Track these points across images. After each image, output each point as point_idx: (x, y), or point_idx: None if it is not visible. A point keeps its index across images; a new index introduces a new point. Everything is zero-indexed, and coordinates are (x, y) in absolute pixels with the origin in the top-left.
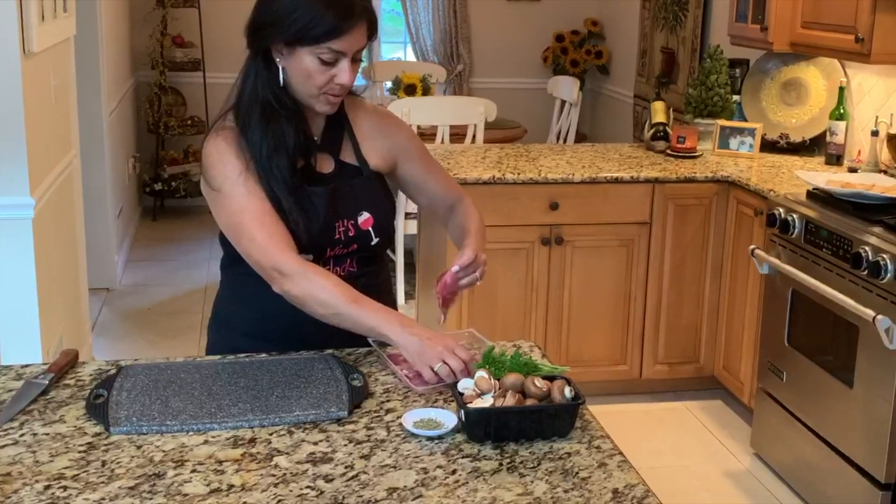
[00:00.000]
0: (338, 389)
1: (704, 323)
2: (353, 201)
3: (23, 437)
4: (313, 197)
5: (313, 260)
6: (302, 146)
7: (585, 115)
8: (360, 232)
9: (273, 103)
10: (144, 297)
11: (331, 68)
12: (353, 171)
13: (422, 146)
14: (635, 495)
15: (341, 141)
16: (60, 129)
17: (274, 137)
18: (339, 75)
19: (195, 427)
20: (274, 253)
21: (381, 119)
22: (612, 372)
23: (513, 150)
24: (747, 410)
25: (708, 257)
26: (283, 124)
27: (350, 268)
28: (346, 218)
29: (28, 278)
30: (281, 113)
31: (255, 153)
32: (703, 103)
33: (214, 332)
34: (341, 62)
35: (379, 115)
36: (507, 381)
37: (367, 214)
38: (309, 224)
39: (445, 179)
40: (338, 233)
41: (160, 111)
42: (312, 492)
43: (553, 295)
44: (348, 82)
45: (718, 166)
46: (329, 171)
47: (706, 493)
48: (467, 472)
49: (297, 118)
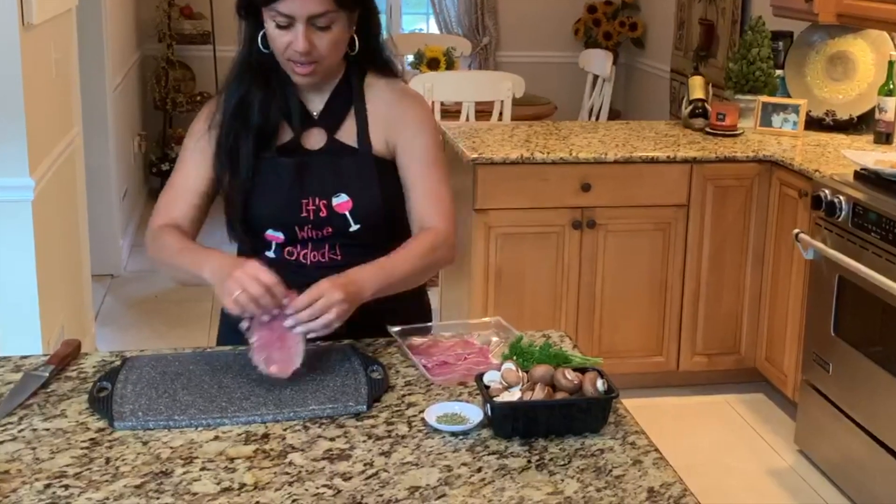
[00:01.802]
0: (356, 382)
1: (745, 311)
2: (331, 180)
3: (22, 432)
4: (279, 168)
5: (284, 240)
6: (274, 116)
7: (619, 90)
8: (333, 214)
9: (249, 68)
10: (151, 284)
11: (286, 33)
12: (345, 151)
13: (428, 150)
14: (672, 495)
15: (343, 118)
16: (62, 105)
17: (241, 102)
18: (294, 41)
19: (205, 422)
20: (150, 222)
21: (398, 104)
22: (647, 364)
23: (542, 127)
24: (791, 404)
25: (749, 242)
26: (253, 90)
27: (332, 255)
28: (318, 196)
29: (27, 264)
30: (253, 78)
31: (222, 116)
32: (744, 78)
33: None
34: (296, 26)
35: (398, 100)
36: (536, 373)
37: (344, 197)
38: (270, 196)
39: (431, 200)
40: (305, 210)
41: (167, 87)
42: (329, 491)
43: (585, 282)
44: (302, 48)
45: (760, 145)
46: (317, 147)
47: (747, 493)
48: (493, 469)
49: (278, 86)
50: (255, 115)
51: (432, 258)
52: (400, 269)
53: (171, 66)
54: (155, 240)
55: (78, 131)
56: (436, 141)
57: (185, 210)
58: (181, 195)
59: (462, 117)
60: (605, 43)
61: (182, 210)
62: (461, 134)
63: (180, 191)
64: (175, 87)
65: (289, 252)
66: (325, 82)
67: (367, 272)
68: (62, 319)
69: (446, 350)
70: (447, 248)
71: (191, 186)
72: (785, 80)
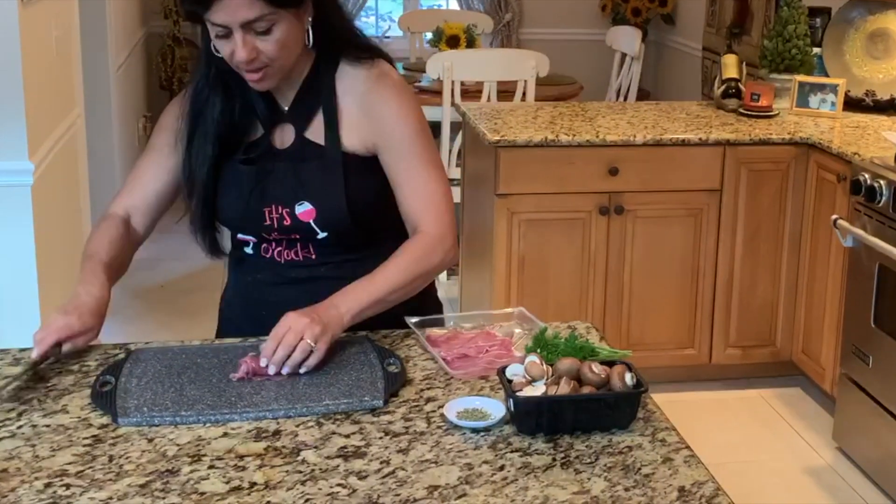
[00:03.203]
0: (372, 376)
1: (781, 302)
2: (293, 187)
3: (21, 429)
4: (240, 175)
5: (256, 241)
6: (239, 118)
7: (648, 69)
8: (298, 223)
9: (208, 73)
10: (156, 272)
11: (228, 42)
12: (313, 151)
13: (410, 142)
14: (704, 494)
15: (313, 115)
16: (62, 85)
17: (199, 114)
18: (235, 50)
19: (213, 418)
20: (112, 201)
21: (373, 92)
22: (678, 356)
23: (567, 108)
24: (829, 399)
25: (785, 228)
26: (212, 98)
27: (306, 253)
28: (280, 204)
29: (26, 251)
30: (213, 85)
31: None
32: (780, 56)
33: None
34: (234, 35)
35: (373, 89)
36: (562, 366)
37: (307, 205)
38: (232, 204)
39: (420, 200)
40: (268, 218)
41: (174, 65)
42: (344, 490)
43: (612, 270)
44: (242, 57)
45: (797, 127)
46: (286, 146)
47: (783, 492)
48: (517, 467)
49: (238, 89)
50: (214, 126)
51: (422, 267)
52: (384, 283)
53: (177, 43)
54: (98, 224)
55: (79, 113)
56: (417, 129)
57: (142, 198)
58: (142, 184)
59: (483, 98)
60: (633, 19)
61: (140, 197)
62: (482, 115)
63: (143, 179)
64: (182, 66)
65: (264, 249)
66: (293, 77)
67: (343, 292)
68: None
69: (467, 342)
70: (442, 252)
71: (151, 179)
72: (822, 59)
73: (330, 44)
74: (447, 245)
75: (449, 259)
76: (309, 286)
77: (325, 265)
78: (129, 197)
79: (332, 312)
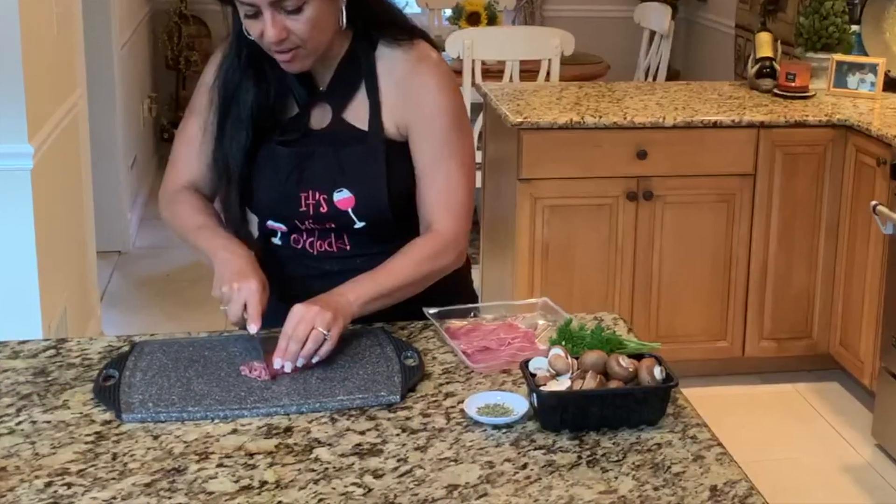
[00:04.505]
0: (389, 370)
1: (818, 292)
2: (332, 172)
3: (20, 425)
4: (277, 158)
5: (288, 230)
6: (274, 99)
7: (678, 48)
8: (335, 211)
9: (239, 55)
10: (162, 261)
11: (257, 22)
12: (351, 135)
13: (446, 134)
14: (737, 493)
15: (351, 96)
16: (64, 64)
17: (232, 97)
18: (264, 30)
19: (222, 414)
20: (166, 178)
21: (412, 77)
22: (709, 349)
23: (593, 89)
24: (868, 394)
25: (822, 215)
26: (244, 83)
27: (340, 244)
28: (317, 191)
29: (26, 239)
30: (244, 67)
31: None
32: (817, 34)
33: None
34: (263, 14)
35: (412, 73)
36: (587, 359)
37: (346, 192)
38: (266, 188)
39: (440, 194)
40: (304, 204)
41: (180, 44)
42: (359, 489)
43: (640, 259)
44: (271, 38)
45: (834, 108)
46: (322, 126)
47: (820, 491)
48: (540, 466)
49: (271, 69)
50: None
51: (432, 266)
52: (393, 278)
53: (184, 21)
54: (170, 204)
55: (81, 93)
56: (454, 122)
57: (202, 169)
58: (198, 151)
59: (505, 78)
60: None
61: (199, 168)
62: (504, 96)
63: (196, 145)
64: (189, 44)
65: (294, 240)
66: (329, 58)
67: (352, 282)
68: (64, 300)
69: (488, 334)
70: (453, 254)
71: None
72: (861, 37)
73: (367, 24)
74: (459, 248)
75: (458, 262)
76: (343, 279)
77: (359, 257)
78: (190, 166)
79: (340, 300)
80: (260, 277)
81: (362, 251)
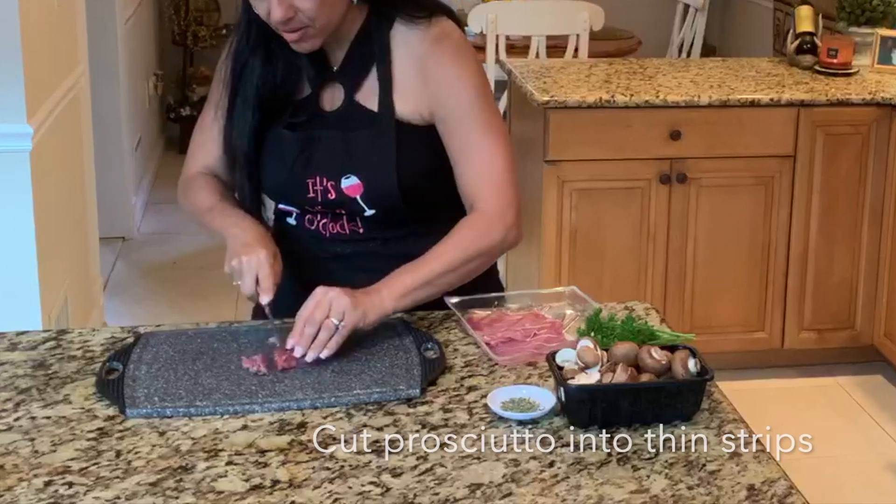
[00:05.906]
0: (408, 362)
1: (861, 280)
2: (340, 158)
3: (18, 421)
4: (283, 142)
5: (298, 214)
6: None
7: (714, 22)
8: (344, 198)
9: (248, 33)
10: (168, 247)
11: (263, 1)
12: (362, 117)
13: (469, 107)
14: (775, 493)
15: (364, 76)
16: (65, 40)
17: (239, 77)
18: (271, 9)
19: (231, 409)
20: (184, 166)
21: (430, 56)
22: (746, 341)
23: (624, 66)
24: None
25: (865, 198)
26: (251, 62)
27: (353, 227)
28: (324, 176)
29: (25, 225)
30: (254, 47)
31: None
32: (860, 8)
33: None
34: None
35: (430, 52)
36: (618, 351)
37: (354, 179)
38: (274, 173)
39: (479, 172)
40: (312, 191)
41: (188, 18)
42: (376, 489)
43: (674, 245)
44: (276, 17)
45: (879, 86)
46: (334, 107)
47: (863, 490)
48: (568, 464)
49: (280, 49)
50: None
51: (477, 247)
52: (433, 266)
53: None
54: (187, 189)
55: (83, 70)
56: (477, 94)
57: (217, 153)
58: (215, 137)
59: (531, 54)
60: None
61: (215, 153)
62: (530, 73)
63: (214, 132)
64: (197, 18)
65: (308, 221)
66: (342, 35)
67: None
68: (65, 289)
69: (513, 325)
70: (502, 229)
71: (209, 120)
72: None
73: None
74: (508, 221)
75: (511, 238)
76: (356, 262)
77: (373, 240)
78: (207, 152)
79: (370, 295)
80: (269, 247)
81: (376, 235)
